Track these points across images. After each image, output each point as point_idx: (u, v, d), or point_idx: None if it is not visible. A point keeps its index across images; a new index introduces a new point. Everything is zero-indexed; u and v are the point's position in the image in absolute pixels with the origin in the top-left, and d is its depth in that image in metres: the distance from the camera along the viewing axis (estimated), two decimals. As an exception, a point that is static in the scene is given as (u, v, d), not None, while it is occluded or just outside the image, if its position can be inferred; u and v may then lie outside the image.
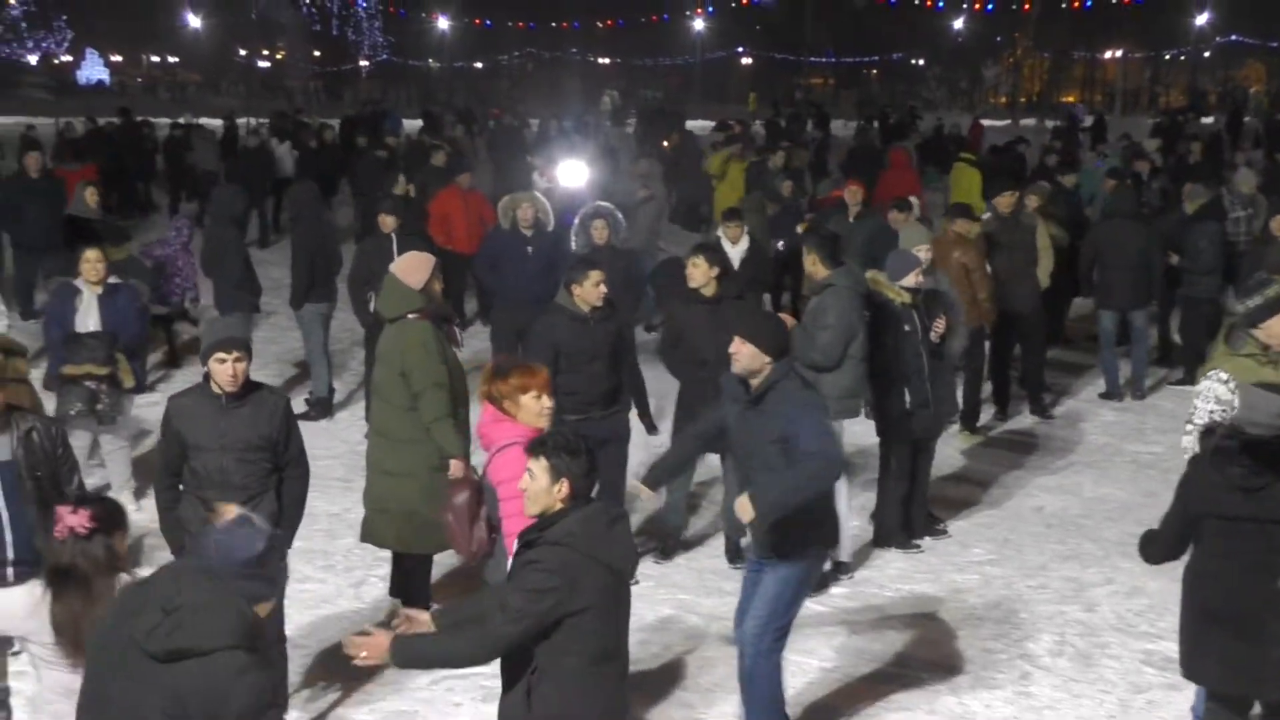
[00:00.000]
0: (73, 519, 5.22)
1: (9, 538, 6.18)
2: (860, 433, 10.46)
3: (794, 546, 6.61)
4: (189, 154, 27.42)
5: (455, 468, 7.89)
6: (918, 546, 9.91)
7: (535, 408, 6.24)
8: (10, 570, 6.17)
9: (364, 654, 5.00)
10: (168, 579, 4.25)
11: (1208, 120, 51.90)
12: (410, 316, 8.00)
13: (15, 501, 6.20)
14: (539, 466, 5.08)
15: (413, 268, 8.16)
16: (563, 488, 5.04)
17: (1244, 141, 38.88)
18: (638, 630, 7.99)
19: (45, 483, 6.21)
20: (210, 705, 4.03)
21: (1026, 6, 77.01)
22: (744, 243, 13.01)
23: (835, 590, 9.11)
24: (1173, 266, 14.05)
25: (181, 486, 6.87)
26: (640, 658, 7.68)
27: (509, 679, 5.16)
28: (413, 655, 5.15)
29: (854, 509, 9.67)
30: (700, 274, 9.27)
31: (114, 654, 4.20)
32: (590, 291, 8.86)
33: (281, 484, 6.86)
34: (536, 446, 5.15)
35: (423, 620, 5.29)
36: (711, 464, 10.10)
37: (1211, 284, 13.93)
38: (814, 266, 9.45)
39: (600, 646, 5.03)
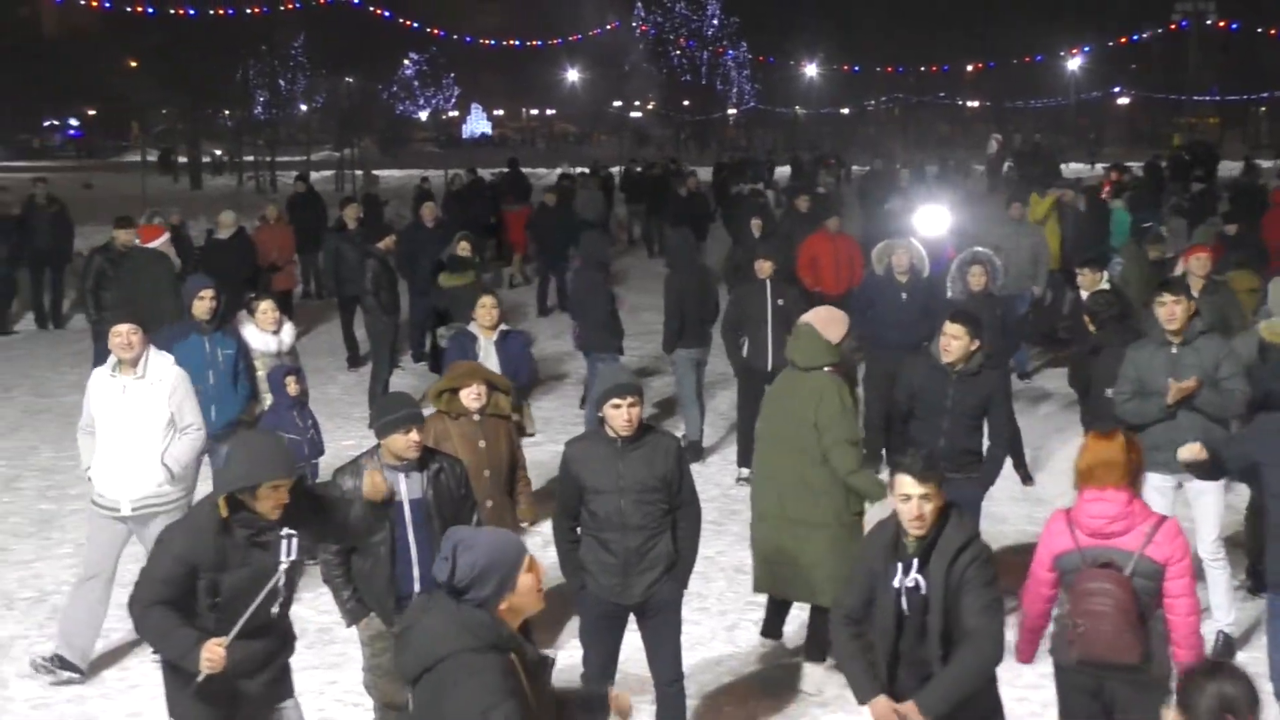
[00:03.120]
0: None
1: (416, 571, 6.52)
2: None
3: None
4: (571, 202, 28.45)
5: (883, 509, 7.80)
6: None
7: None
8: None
9: None
10: (408, 611, 4.35)
11: None
12: (825, 370, 8.02)
13: (423, 537, 6.56)
14: (935, 490, 5.57)
15: (831, 321, 8.17)
16: (941, 500, 5.64)
17: None
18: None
19: (449, 521, 6.52)
20: (439, 711, 4.04)
21: None
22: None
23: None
24: None
25: (579, 529, 7.03)
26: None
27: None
28: (939, 701, 5.53)
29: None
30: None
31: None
32: (944, 342, 8.66)
33: (675, 526, 6.95)
34: (933, 471, 5.60)
35: None
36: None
37: None
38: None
39: None
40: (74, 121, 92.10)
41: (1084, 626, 5.80)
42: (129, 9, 56.67)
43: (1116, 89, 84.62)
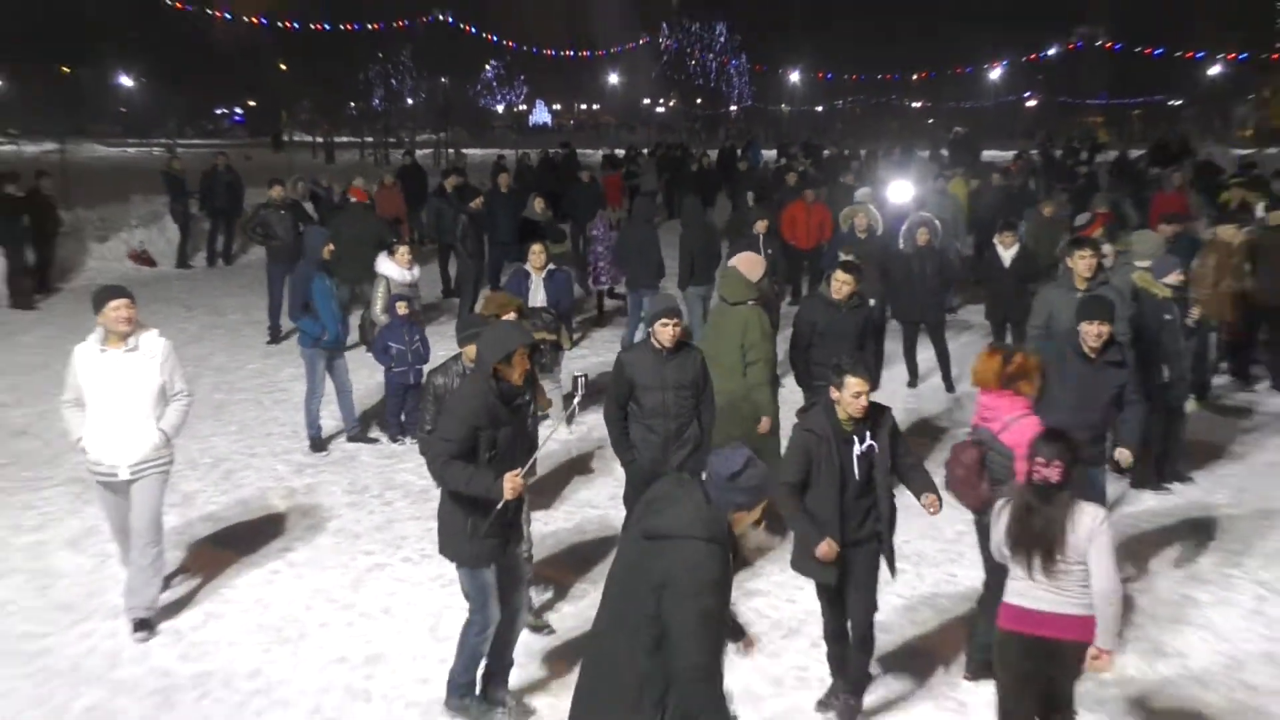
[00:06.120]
0: (1048, 470, 4.90)
1: None
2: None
3: None
4: (634, 180, 28.22)
5: (766, 425, 7.78)
6: (1168, 489, 9.30)
7: (1036, 383, 6.09)
8: None
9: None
10: (662, 485, 4.27)
11: None
12: (750, 304, 7.95)
13: None
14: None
15: (753, 265, 8.12)
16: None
17: None
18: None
19: None
20: (664, 577, 3.97)
21: (1275, 56, 70.46)
22: (1015, 248, 12.36)
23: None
24: None
25: (627, 415, 7.07)
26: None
27: None
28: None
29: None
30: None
31: (628, 538, 4.30)
32: (836, 286, 8.65)
33: (700, 414, 7.05)
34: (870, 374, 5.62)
35: None
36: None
37: None
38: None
39: None
40: (238, 110, 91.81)
41: (947, 478, 6.16)
42: (280, 24, 56.45)
43: (1027, 94, 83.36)
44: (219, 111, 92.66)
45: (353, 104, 69.92)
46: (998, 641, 5.18)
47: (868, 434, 5.67)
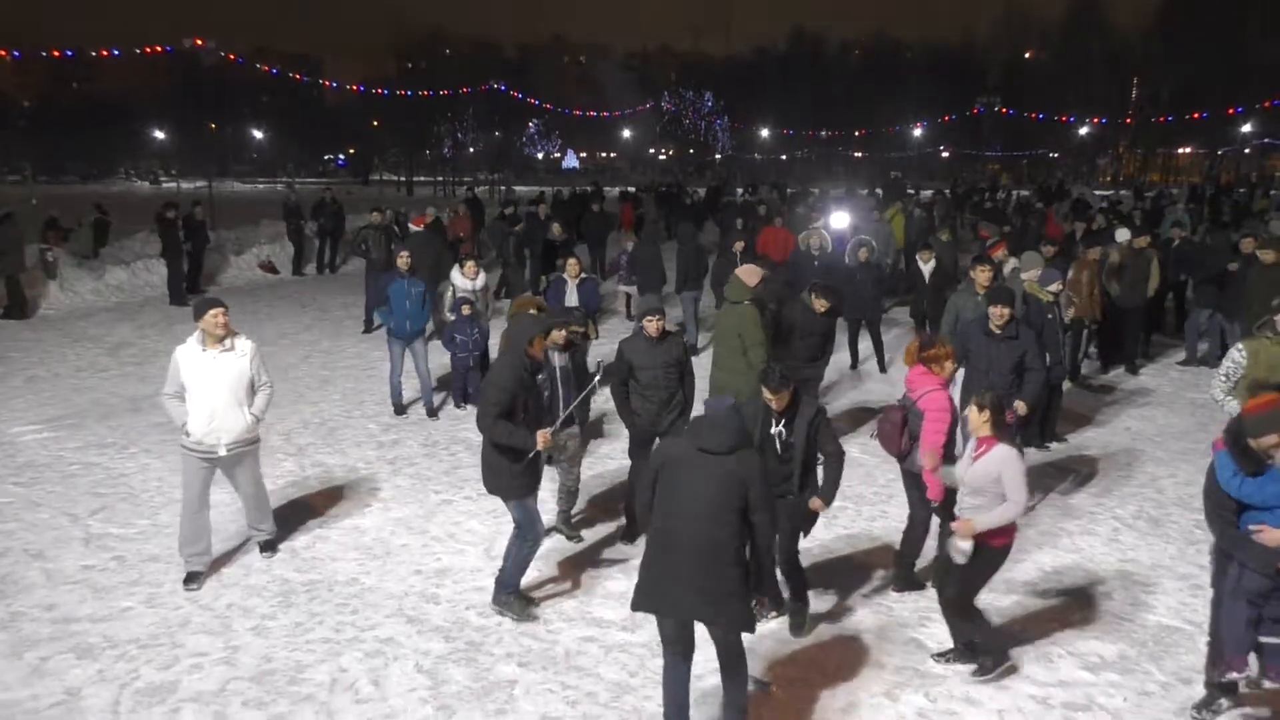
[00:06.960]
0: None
1: (561, 404, 6.61)
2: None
3: None
4: (639, 208, 27.96)
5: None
6: (1048, 448, 9.23)
7: (951, 368, 5.99)
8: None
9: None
10: (709, 411, 4.50)
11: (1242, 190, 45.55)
12: (746, 302, 7.89)
13: (567, 383, 6.69)
14: (785, 394, 5.43)
15: (751, 274, 8.03)
16: (790, 393, 5.50)
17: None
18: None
19: (579, 374, 6.73)
20: (745, 477, 4.36)
21: (1128, 120, 69.94)
22: (932, 263, 12.28)
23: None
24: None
25: (628, 388, 6.95)
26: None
27: None
28: (830, 495, 5.62)
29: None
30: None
31: (678, 461, 4.44)
32: (817, 303, 8.58)
33: (683, 386, 6.91)
34: (784, 384, 5.42)
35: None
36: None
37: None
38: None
39: None
40: (342, 156, 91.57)
41: (875, 431, 6.10)
42: (373, 91, 56.26)
43: (941, 147, 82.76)
44: (326, 157, 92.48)
45: (427, 151, 69.78)
46: (997, 554, 5.13)
47: (783, 421, 5.53)
